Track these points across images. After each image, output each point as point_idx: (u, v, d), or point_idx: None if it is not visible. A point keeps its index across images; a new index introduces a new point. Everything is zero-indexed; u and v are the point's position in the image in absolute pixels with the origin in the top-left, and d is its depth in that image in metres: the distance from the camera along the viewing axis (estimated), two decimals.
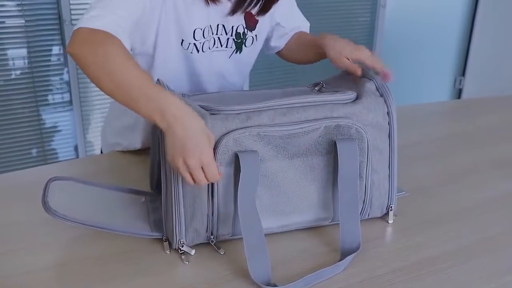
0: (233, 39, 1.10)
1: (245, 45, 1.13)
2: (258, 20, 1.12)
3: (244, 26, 1.10)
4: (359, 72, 0.97)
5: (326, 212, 0.91)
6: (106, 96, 0.84)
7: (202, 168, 0.77)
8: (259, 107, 0.85)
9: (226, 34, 1.08)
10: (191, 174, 0.77)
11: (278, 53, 1.29)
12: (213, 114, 0.83)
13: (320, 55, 1.10)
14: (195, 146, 0.76)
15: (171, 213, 0.83)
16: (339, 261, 0.82)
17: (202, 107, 0.84)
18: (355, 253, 0.84)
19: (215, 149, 0.80)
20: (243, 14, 1.08)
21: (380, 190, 0.93)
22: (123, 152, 1.23)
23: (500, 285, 0.80)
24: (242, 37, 1.11)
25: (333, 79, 1.03)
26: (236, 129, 0.82)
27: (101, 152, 1.34)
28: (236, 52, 1.13)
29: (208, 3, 1.01)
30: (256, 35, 1.14)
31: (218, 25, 1.06)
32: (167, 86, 0.87)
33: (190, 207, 0.82)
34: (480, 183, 1.15)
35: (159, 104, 0.77)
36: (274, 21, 1.20)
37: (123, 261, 0.83)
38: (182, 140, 0.76)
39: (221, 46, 1.09)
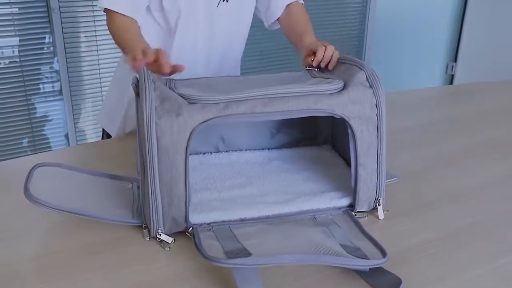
0: None
1: None
2: None
3: None
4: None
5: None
6: (97, 85, 0.83)
7: None
8: (239, 97, 0.82)
9: None
10: None
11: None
12: (191, 103, 0.80)
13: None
14: None
15: (148, 201, 0.81)
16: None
17: (181, 95, 0.81)
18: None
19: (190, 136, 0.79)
20: None
21: (367, 184, 0.90)
22: (114, 139, 1.22)
23: (491, 269, 0.79)
24: None
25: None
26: (213, 118, 0.79)
27: (102, 134, 1.34)
28: (223, 1, 1.17)
29: None
30: None
31: None
32: (148, 73, 0.84)
33: (167, 195, 0.81)
34: (471, 168, 1.14)
35: None
36: None
37: (104, 250, 0.82)
38: None
39: None
